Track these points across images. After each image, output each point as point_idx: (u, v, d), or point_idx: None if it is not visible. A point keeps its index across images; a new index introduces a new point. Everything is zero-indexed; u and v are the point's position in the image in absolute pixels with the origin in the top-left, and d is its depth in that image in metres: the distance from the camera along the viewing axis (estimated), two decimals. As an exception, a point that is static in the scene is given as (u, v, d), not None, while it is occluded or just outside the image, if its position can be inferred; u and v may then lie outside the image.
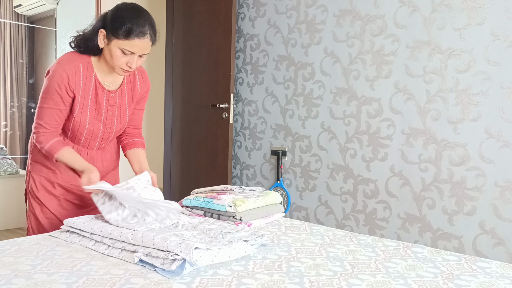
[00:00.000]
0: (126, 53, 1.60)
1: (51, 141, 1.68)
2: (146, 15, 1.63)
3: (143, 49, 1.62)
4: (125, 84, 1.81)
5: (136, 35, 1.58)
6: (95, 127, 1.76)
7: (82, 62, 1.69)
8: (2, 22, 4.46)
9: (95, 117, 1.75)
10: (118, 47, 1.59)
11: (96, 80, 1.71)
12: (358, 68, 2.84)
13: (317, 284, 1.13)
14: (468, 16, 2.40)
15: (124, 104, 1.82)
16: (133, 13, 1.60)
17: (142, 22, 1.59)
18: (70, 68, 1.66)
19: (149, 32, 1.61)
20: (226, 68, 3.31)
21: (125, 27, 1.57)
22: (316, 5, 3.04)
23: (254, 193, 1.86)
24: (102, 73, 1.73)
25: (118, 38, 1.58)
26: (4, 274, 1.14)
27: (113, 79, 1.77)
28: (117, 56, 1.61)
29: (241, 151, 3.52)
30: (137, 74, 1.85)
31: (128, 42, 1.58)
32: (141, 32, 1.58)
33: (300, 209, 3.15)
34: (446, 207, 2.49)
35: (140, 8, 1.65)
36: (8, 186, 4.13)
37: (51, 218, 1.79)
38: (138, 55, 1.62)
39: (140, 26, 1.58)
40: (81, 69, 1.68)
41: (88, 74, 1.70)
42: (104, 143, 1.86)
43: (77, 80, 1.67)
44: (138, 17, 1.59)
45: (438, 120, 2.51)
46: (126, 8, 1.62)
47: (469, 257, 1.41)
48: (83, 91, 1.69)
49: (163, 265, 1.17)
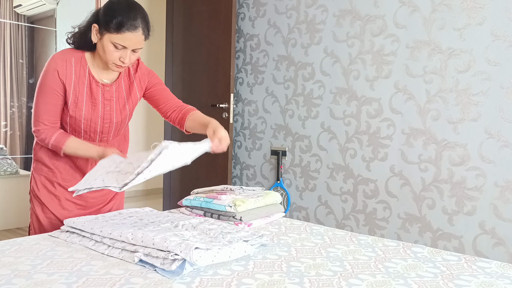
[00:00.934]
0: (118, 48, 1.58)
1: (54, 135, 1.67)
2: (138, 8, 1.60)
3: (136, 43, 1.59)
4: (121, 78, 1.79)
5: (128, 29, 1.55)
6: (92, 121, 1.74)
7: (74, 57, 1.68)
8: (2, 22, 4.46)
9: (91, 112, 1.73)
10: (110, 41, 1.57)
11: (90, 74, 1.70)
12: (358, 68, 2.84)
13: (317, 284, 1.13)
14: (468, 16, 2.40)
15: (122, 99, 1.79)
16: (125, 6, 1.57)
17: (134, 15, 1.56)
18: (61, 61, 1.66)
19: (141, 26, 1.58)
20: (226, 68, 3.31)
21: (116, 20, 1.54)
22: (316, 5, 3.04)
23: (254, 193, 1.86)
24: (97, 68, 1.72)
25: (109, 32, 1.56)
26: (4, 274, 1.14)
27: (108, 75, 1.75)
28: (109, 50, 1.59)
29: (241, 151, 3.52)
30: (131, 69, 1.81)
31: (119, 36, 1.55)
32: (132, 26, 1.55)
33: (300, 209, 3.15)
34: (446, 207, 2.49)
35: (133, 2, 1.62)
36: (8, 186, 4.13)
37: (51, 218, 1.79)
38: (131, 49, 1.60)
39: (131, 19, 1.55)
40: (73, 63, 1.67)
41: (82, 68, 1.69)
42: (106, 136, 1.83)
43: (68, 73, 1.66)
44: (129, 10, 1.56)
45: (438, 120, 2.51)
46: (119, 1, 1.60)
47: (469, 257, 1.41)
48: (76, 85, 1.68)
49: (163, 265, 1.17)
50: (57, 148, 1.68)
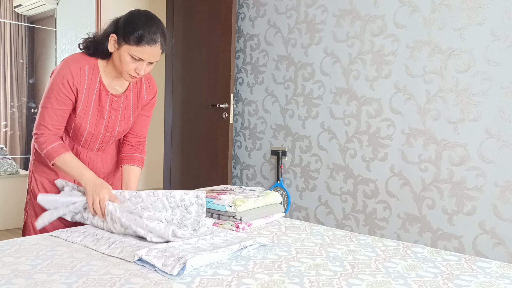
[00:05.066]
0: (135, 59, 1.61)
1: (54, 144, 1.66)
2: (159, 23, 1.63)
3: (153, 57, 1.62)
4: (131, 90, 1.80)
5: (147, 42, 1.58)
6: (96, 129, 1.76)
7: (88, 64, 1.69)
8: (2, 22, 4.46)
9: (97, 120, 1.74)
10: (128, 52, 1.60)
11: (101, 83, 1.71)
12: (358, 68, 2.84)
13: (317, 284, 1.13)
14: (468, 16, 2.40)
15: (128, 110, 1.81)
16: (146, 20, 1.61)
17: (154, 29, 1.60)
18: (76, 68, 1.66)
19: (160, 40, 1.61)
20: (226, 68, 3.31)
21: (136, 33, 1.57)
22: (316, 5, 3.04)
23: (254, 193, 1.86)
24: (108, 77, 1.73)
25: (129, 44, 1.59)
26: (4, 274, 1.14)
27: (119, 84, 1.77)
28: (126, 61, 1.61)
29: (241, 151, 3.52)
30: (144, 81, 1.84)
31: (138, 49, 1.58)
32: (152, 40, 1.58)
33: (300, 209, 3.15)
34: (446, 207, 2.49)
35: (153, 16, 1.65)
36: (8, 186, 4.13)
37: None
38: (147, 62, 1.63)
39: (152, 34, 1.58)
40: (87, 70, 1.68)
41: (94, 76, 1.70)
42: (105, 146, 1.85)
43: (81, 80, 1.67)
44: (151, 25, 1.60)
45: (438, 120, 2.51)
46: (140, 14, 1.63)
47: (469, 257, 1.41)
48: (87, 93, 1.69)
49: (165, 267, 1.17)
50: (50, 157, 1.66)
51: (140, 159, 1.89)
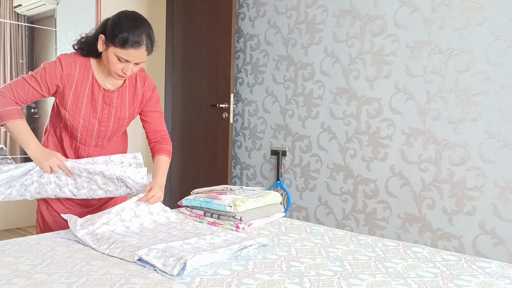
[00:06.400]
0: (121, 60, 1.64)
1: (10, 107, 1.66)
2: (144, 26, 1.66)
3: (138, 58, 1.66)
4: (126, 86, 1.83)
5: (132, 45, 1.61)
6: (89, 123, 1.79)
7: (80, 60, 1.75)
8: (2, 22, 4.46)
9: (90, 114, 1.78)
10: (114, 54, 1.64)
11: (93, 78, 1.75)
12: (358, 68, 2.84)
13: (317, 284, 1.13)
14: (468, 16, 2.40)
15: (124, 106, 1.83)
16: (132, 24, 1.63)
17: (139, 32, 1.62)
18: (67, 62, 1.72)
19: (145, 43, 1.64)
20: (226, 68, 3.31)
21: (121, 36, 1.60)
22: (316, 5, 3.04)
23: (254, 193, 1.86)
24: (101, 74, 1.77)
25: (114, 46, 1.62)
26: (4, 274, 1.14)
27: (112, 83, 1.80)
28: (113, 62, 1.65)
29: (241, 151, 3.52)
30: (139, 78, 1.87)
31: (123, 51, 1.62)
32: (136, 43, 1.62)
33: (300, 209, 3.15)
34: (446, 207, 2.49)
35: (139, 18, 1.68)
36: (8, 186, 4.13)
37: (55, 215, 1.85)
38: (133, 63, 1.67)
39: (136, 37, 1.62)
40: (78, 66, 1.73)
41: (86, 71, 1.74)
42: (102, 141, 1.88)
43: (71, 74, 1.71)
44: (136, 28, 1.63)
45: (438, 120, 2.51)
46: (126, 17, 1.66)
47: (469, 257, 1.41)
48: (78, 86, 1.73)
49: (165, 267, 1.17)
50: (3, 117, 1.66)
51: (165, 149, 1.93)
